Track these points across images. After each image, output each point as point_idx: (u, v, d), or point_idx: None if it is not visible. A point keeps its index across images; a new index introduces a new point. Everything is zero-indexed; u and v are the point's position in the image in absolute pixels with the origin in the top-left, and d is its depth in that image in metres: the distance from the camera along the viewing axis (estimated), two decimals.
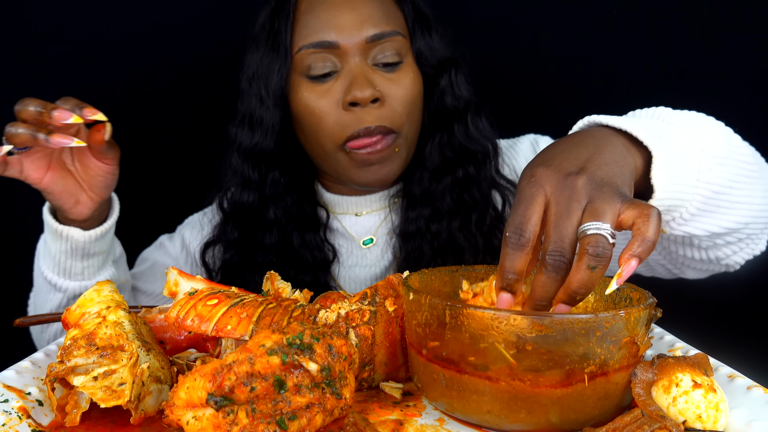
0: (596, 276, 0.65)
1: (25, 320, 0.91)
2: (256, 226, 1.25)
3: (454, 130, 1.25)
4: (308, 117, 1.18)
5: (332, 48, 1.16)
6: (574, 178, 0.71)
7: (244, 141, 1.23)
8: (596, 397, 0.65)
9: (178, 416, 0.61)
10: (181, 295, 0.84)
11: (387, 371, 0.79)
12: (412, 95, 1.19)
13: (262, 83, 1.21)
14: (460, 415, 0.69)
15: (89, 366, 0.69)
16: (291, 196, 1.26)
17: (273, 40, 1.20)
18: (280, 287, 0.88)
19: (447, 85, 1.24)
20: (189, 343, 0.84)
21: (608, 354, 0.65)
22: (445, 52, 1.24)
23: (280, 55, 1.19)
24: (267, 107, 1.21)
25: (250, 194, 1.24)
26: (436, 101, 1.25)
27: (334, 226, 1.32)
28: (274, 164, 1.24)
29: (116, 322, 0.74)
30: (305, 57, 1.17)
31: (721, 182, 0.85)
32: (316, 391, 0.64)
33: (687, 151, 0.83)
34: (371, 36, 1.16)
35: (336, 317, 0.77)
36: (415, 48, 1.22)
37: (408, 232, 1.25)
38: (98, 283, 0.83)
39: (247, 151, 1.23)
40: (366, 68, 1.16)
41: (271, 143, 1.22)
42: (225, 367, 0.61)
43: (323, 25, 1.16)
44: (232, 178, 1.26)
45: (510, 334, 0.63)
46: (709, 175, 0.84)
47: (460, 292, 0.78)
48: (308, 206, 1.29)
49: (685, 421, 0.63)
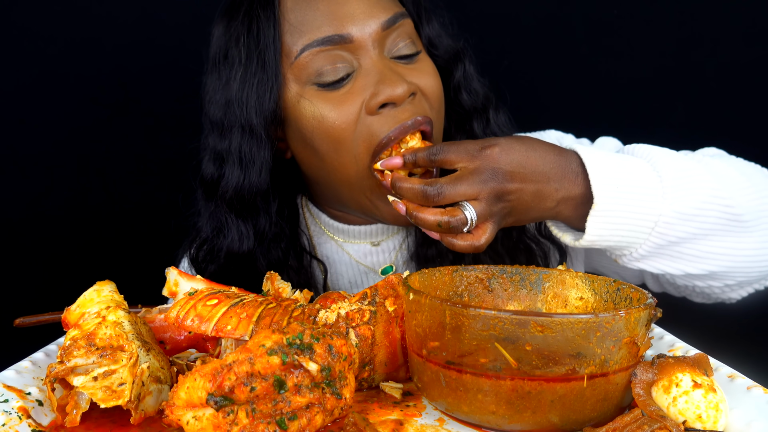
0: (416, 193, 0.86)
1: (25, 320, 0.91)
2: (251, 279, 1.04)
3: (474, 130, 1.11)
4: (326, 131, 0.97)
5: (344, 43, 0.96)
6: (503, 182, 0.85)
7: (232, 184, 1.01)
8: (596, 398, 0.65)
9: (178, 416, 0.61)
10: (181, 295, 0.84)
11: (387, 371, 0.79)
12: (440, 86, 1.03)
13: (251, 111, 0.99)
14: (460, 415, 0.69)
15: (89, 366, 0.69)
16: (277, 251, 1.07)
17: (257, 53, 0.99)
18: (280, 287, 0.88)
19: (461, 79, 1.10)
20: (189, 343, 0.84)
21: (608, 354, 0.65)
22: (452, 41, 1.11)
23: (268, 70, 0.98)
24: (259, 139, 1.00)
25: (245, 244, 1.04)
26: (452, 99, 1.10)
27: (340, 260, 1.15)
28: (262, 209, 1.04)
29: (116, 322, 0.74)
30: (311, 60, 0.97)
31: (681, 235, 0.88)
32: (316, 391, 0.64)
33: (647, 205, 0.87)
34: (386, 21, 0.98)
35: (336, 317, 0.77)
36: (424, 36, 1.08)
37: (428, 256, 1.10)
38: (98, 283, 0.83)
39: (239, 195, 1.02)
40: (387, 61, 0.98)
41: (265, 184, 1.01)
42: (225, 367, 0.61)
43: (328, 17, 0.97)
44: (226, 230, 1.05)
45: (510, 334, 0.63)
46: (666, 227, 0.87)
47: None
48: (294, 261, 1.09)
49: (685, 421, 0.63)
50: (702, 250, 0.91)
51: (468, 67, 1.11)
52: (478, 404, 0.66)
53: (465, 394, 0.66)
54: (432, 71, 1.03)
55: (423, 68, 1.02)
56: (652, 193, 0.87)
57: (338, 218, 1.14)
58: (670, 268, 0.93)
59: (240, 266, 1.06)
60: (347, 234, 1.14)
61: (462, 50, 1.11)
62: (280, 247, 1.07)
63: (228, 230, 1.04)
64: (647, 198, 0.86)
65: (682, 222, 0.88)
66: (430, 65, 1.04)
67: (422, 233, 1.10)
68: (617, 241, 0.89)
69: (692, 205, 0.88)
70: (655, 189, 0.87)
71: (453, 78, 1.10)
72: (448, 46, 1.10)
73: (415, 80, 0.99)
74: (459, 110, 1.12)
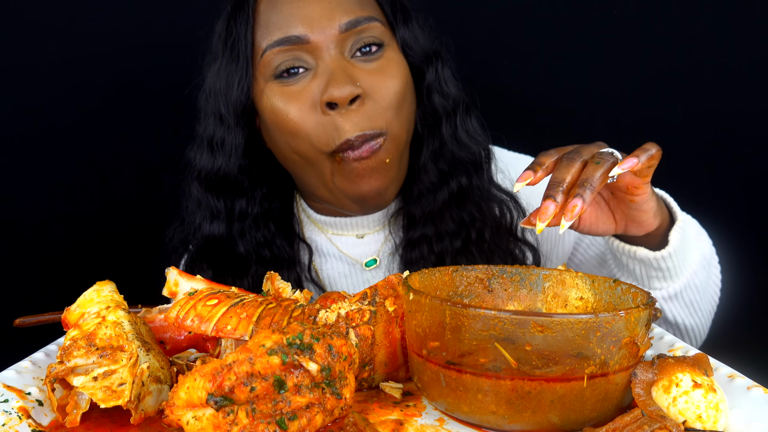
0: (600, 168, 0.80)
1: (25, 320, 0.91)
2: (229, 265, 1.14)
3: (443, 134, 1.14)
4: (281, 124, 1.05)
5: (301, 43, 1.03)
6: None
7: (205, 166, 1.11)
8: (596, 398, 0.65)
9: (178, 416, 0.61)
10: (181, 295, 0.84)
11: (387, 371, 0.79)
12: (399, 87, 1.06)
13: (221, 99, 1.09)
14: (460, 415, 0.69)
15: (89, 366, 0.69)
16: (262, 231, 1.14)
17: (231, 48, 1.08)
18: (280, 287, 0.88)
19: (434, 80, 1.13)
20: (189, 343, 0.84)
21: (608, 354, 0.65)
22: (429, 43, 1.13)
23: (240, 64, 1.06)
24: (228, 126, 1.09)
25: (219, 225, 1.12)
26: (425, 101, 1.14)
27: (329, 251, 1.22)
28: (240, 192, 1.13)
29: (116, 323, 0.74)
30: (272, 58, 1.04)
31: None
32: (316, 391, 0.64)
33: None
34: (345, 24, 1.03)
35: (336, 317, 0.77)
36: (399, 37, 1.11)
37: (411, 258, 1.16)
38: (98, 283, 0.83)
39: (209, 178, 1.11)
40: (344, 62, 1.04)
41: (234, 167, 1.10)
42: (225, 367, 0.61)
43: (288, 19, 1.03)
44: (198, 211, 1.14)
45: (510, 334, 0.63)
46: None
47: None
48: (284, 244, 1.16)
49: (685, 421, 0.63)
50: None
51: (441, 70, 1.14)
52: (478, 404, 0.66)
53: (465, 394, 0.66)
54: (393, 73, 1.06)
55: (383, 68, 1.06)
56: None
57: (321, 211, 1.20)
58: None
59: (216, 246, 1.14)
60: (334, 226, 1.20)
61: (436, 52, 1.14)
62: (268, 227, 1.15)
63: (202, 209, 1.13)
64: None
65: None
66: (393, 66, 1.07)
67: (405, 230, 1.18)
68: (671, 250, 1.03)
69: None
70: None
71: (425, 79, 1.13)
72: (422, 48, 1.13)
73: (368, 83, 1.04)
74: (430, 111, 1.14)
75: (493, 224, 1.16)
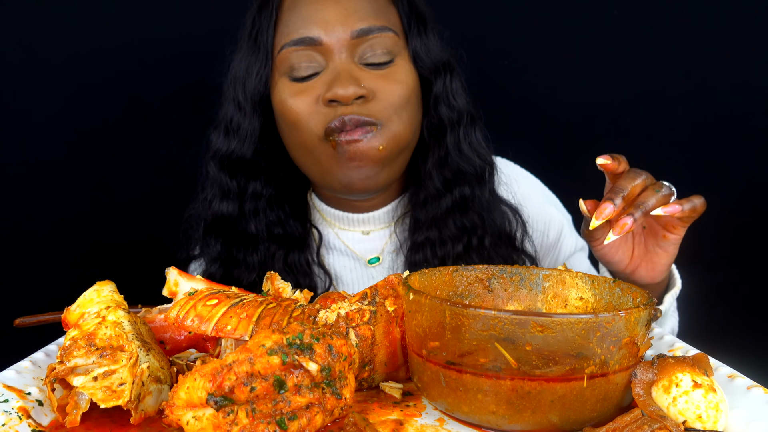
0: (656, 197, 0.86)
1: (25, 320, 0.91)
2: (239, 241, 1.19)
3: (448, 144, 1.18)
4: (285, 115, 1.12)
5: (315, 45, 1.09)
6: None
7: (221, 148, 1.18)
8: (596, 398, 0.65)
9: (178, 416, 0.61)
10: (181, 295, 0.84)
11: (387, 371, 0.79)
12: (402, 92, 1.10)
13: (239, 87, 1.16)
14: (460, 415, 0.69)
15: (89, 366, 0.69)
16: (276, 212, 1.20)
17: (254, 40, 1.14)
18: (280, 287, 0.88)
19: (441, 92, 1.17)
20: (189, 343, 0.84)
21: (608, 354, 0.65)
22: (441, 54, 1.18)
23: (260, 56, 1.14)
24: (245, 113, 1.16)
25: (230, 204, 1.18)
26: (432, 111, 1.18)
27: (335, 245, 1.26)
28: (254, 174, 1.18)
29: (116, 323, 0.74)
30: (287, 56, 1.11)
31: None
32: (316, 391, 0.64)
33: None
34: (357, 31, 1.09)
35: (336, 317, 0.77)
36: (411, 48, 1.15)
37: (415, 260, 1.19)
38: (98, 283, 0.83)
39: (223, 159, 1.18)
40: (352, 66, 1.09)
41: (249, 152, 1.17)
42: (225, 367, 0.61)
43: (306, 21, 1.10)
44: (210, 188, 1.20)
45: (510, 334, 0.63)
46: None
47: None
48: (297, 225, 1.22)
49: (685, 421, 0.63)
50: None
51: (450, 81, 1.18)
52: (478, 404, 0.66)
53: (465, 394, 0.66)
54: (399, 80, 1.11)
55: (390, 75, 1.11)
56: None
57: (329, 202, 1.25)
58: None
59: (224, 224, 1.19)
60: (341, 220, 1.25)
61: (446, 64, 1.18)
62: (283, 208, 1.21)
63: (214, 187, 1.19)
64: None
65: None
66: (401, 74, 1.12)
67: (410, 232, 1.22)
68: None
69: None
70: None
71: (433, 90, 1.18)
72: (433, 60, 1.17)
73: (374, 85, 1.09)
74: (437, 121, 1.19)
75: (494, 233, 1.20)
